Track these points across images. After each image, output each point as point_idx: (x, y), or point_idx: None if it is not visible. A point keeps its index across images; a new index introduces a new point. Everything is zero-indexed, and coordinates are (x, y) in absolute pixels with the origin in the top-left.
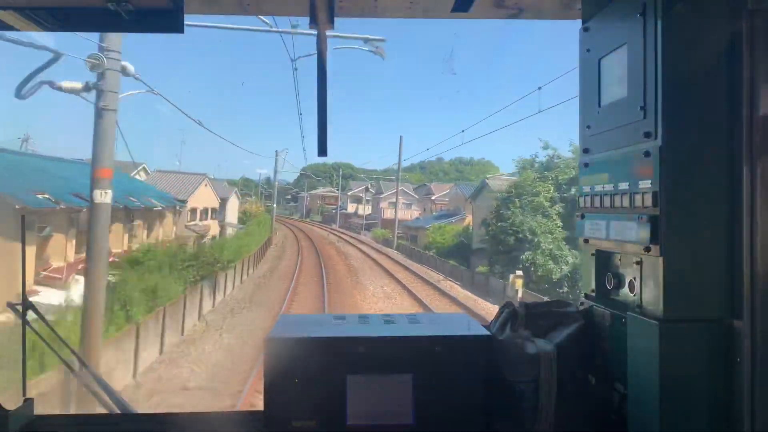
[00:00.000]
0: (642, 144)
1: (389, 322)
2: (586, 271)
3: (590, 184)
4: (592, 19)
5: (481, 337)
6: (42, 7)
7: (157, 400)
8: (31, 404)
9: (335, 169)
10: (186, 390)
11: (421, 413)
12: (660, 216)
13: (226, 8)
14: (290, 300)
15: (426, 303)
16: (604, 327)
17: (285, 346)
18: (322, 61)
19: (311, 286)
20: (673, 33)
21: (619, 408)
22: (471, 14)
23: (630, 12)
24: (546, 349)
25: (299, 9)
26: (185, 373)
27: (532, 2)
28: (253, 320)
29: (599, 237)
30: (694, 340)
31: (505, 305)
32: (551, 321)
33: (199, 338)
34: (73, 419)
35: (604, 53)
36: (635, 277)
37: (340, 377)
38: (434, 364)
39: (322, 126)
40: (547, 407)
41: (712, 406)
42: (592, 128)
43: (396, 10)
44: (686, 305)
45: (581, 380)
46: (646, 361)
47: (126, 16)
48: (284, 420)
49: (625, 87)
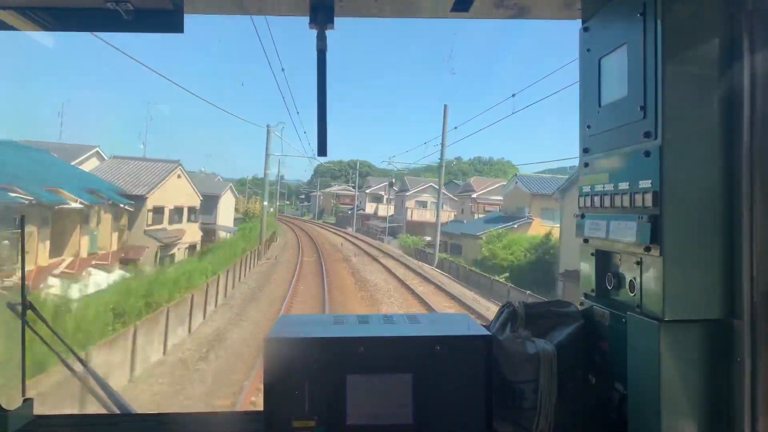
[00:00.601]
0: (642, 144)
1: (389, 322)
2: (586, 271)
3: (590, 183)
4: (592, 19)
5: (481, 337)
6: (42, 7)
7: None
8: (31, 404)
9: (351, 167)
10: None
11: (421, 413)
12: (660, 216)
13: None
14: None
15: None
16: (604, 327)
17: (285, 346)
18: (322, 61)
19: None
20: (673, 33)
21: (619, 408)
22: (471, 14)
23: (630, 12)
24: (546, 349)
25: (299, 9)
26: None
27: (532, 2)
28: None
29: (599, 237)
30: (694, 340)
31: (505, 305)
32: (551, 321)
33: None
34: (73, 419)
35: (604, 53)
36: (635, 277)
37: (340, 377)
38: (434, 364)
39: (322, 126)
40: (547, 407)
41: (712, 406)
42: (592, 128)
43: (396, 10)
44: (686, 305)
45: (581, 380)
46: (646, 361)
47: (126, 15)
48: (284, 420)
49: (625, 87)
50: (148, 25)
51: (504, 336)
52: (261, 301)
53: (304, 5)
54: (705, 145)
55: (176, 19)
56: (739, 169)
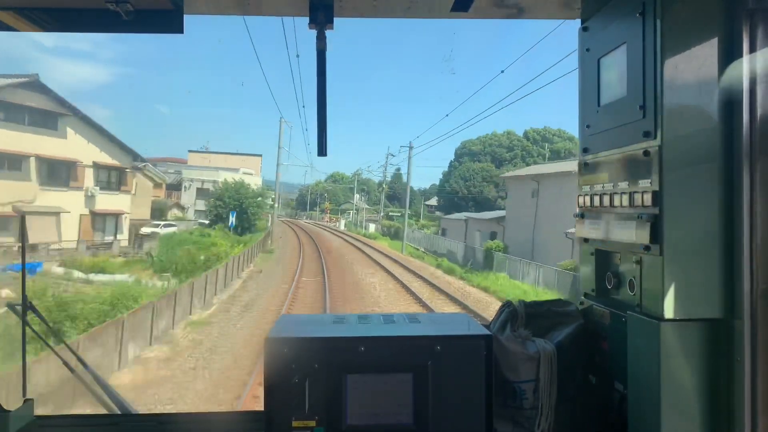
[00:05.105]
0: (641, 143)
1: (389, 322)
2: (586, 271)
3: (590, 183)
4: (591, 19)
5: (481, 336)
6: (42, 8)
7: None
8: (31, 405)
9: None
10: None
11: (421, 413)
12: (660, 215)
13: (226, 8)
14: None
15: None
16: (604, 326)
17: (285, 346)
18: (322, 61)
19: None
20: (673, 32)
21: (619, 408)
22: (471, 14)
23: (629, 11)
24: (546, 349)
25: (299, 9)
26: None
27: (532, 2)
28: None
29: (599, 236)
30: (694, 340)
31: (505, 304)
32: (551, 320)
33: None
34: (73, 419)
35: (603, 53)
36: (635, 277)
37: (340, 377)
38: (434, 364)
39: (322, 126)
40: (547, 407)
41: (712, 406)
42: (591, 128)
43: (395, 10)
44: (686, 304)
45: (581, 380)
46: (646, 361)
47: (126, 16)
48: (284, 420)
49: (625, 86)
50: (148, 25)
51: (504, 336)
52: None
53: (304, 5)
54: (704, 144)
55: (176, 19)
56: (738, 168)
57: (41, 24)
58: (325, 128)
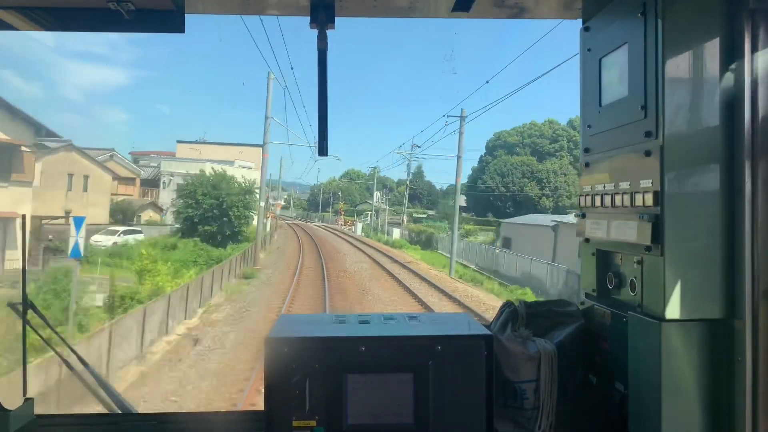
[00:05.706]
0: (643, 143)
1: (389, 322)
2: (587, 271)
3: (591, 183)
4: (592, 19)
5: (482, 336)
6: (43, 7)
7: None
8: (32, 404)
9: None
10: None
11: (421, 413)
12: (661, 215)
13: (227, 8)
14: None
15: None
16: (605, 326)
17: (285, 346)
18: (322, 61)
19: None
20: (674, 32)
21: (620, 407)
22: (471, 14)
23: (630, 11)
24: (547, 349)
25: (300, 9)
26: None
27: (532, 2)
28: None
29: (600, 236)
30: (695, 340)
31: (505, 304)
32: (552, 320)
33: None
34: (73, 419)
35: (604, 53)
36: (636, 277)
37: (340, 377)
38: (435, 364)
39: (323, 126)
40: (548, 407)
41: (713, 406)
42: (593, 128)
43: (396, 10)
44: (687, 305)
45: (582, 380)
46: (647, 361)
47: (127, 15)
48: (284, 420)
49: (626, 86)
50: (149, 25)
51: (505, 335)
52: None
53: (305, 5)
54: (706, 144)
55: (177, 18)
56: (740, 168)
57: (43, 23)
58: (326, 127)
